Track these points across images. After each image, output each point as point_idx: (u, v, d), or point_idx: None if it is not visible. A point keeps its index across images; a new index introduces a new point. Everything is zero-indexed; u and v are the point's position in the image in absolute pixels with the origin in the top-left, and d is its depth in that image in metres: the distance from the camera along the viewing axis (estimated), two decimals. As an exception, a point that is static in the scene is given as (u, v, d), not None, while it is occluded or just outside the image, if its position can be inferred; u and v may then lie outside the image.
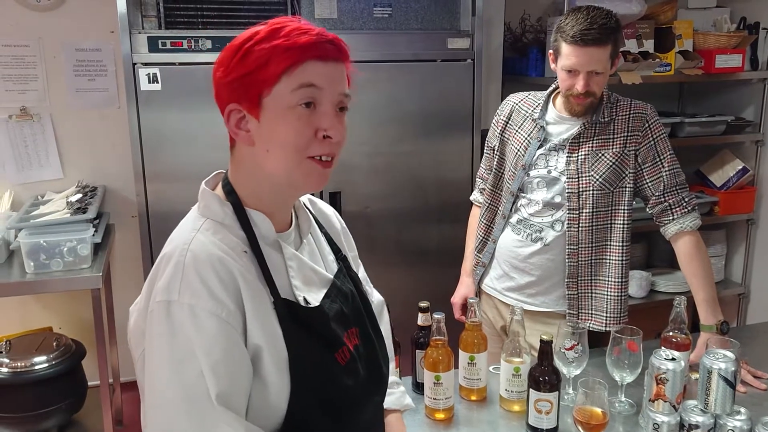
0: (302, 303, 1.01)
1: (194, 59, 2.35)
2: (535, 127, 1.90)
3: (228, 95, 0.97)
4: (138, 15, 2.37)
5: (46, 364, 2.48)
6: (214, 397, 0.88)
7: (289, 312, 0.98)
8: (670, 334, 1.59)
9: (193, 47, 2.35)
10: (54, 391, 2.50)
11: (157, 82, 2.32)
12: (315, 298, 1.04)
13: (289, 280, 1.02)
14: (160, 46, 2.32)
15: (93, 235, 2.40)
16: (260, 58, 0.93)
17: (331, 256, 1.16)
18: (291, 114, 0.94)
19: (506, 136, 1.97)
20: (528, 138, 1.90)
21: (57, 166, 2.86)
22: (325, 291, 1.07)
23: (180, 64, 2.34)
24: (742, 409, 1.31)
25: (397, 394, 1.31)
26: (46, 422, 2.51)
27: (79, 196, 2.62)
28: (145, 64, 2.31)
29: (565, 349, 1.52)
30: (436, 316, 1.50)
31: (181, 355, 0.89)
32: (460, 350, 1.57)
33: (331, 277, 1.11)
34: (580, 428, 1.32)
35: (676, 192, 1.81)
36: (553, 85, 1.90)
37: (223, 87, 0.97)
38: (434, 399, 1.50)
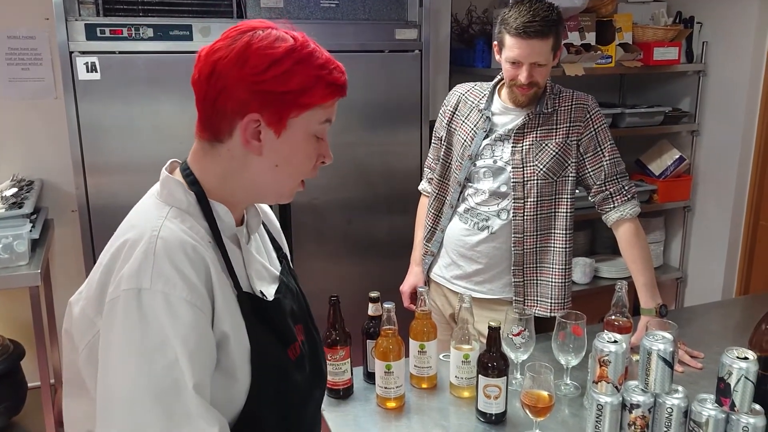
0: (260, 296, 1.02)
1: (135, 48, 2.28)
2: (481, 117, 1.92)
3: (252, 104, 0.93)
4: (74, 1, 2.28)
5: (-18, 366, 2.38)
6: (192, 386, 0.86)
7: (251, 305, 0.98)
8: (613, 317, 1.64)
9: (133, 35, 2.27)
10: (-9, 393, 2.41)
11: (96, 72, 2.23)
12: (269, 292, 1.05)
13: (246, 273, 1.02)
14: (99, 34, 2.24)
15: (30, 230, 2.31)
16: (304, 83, 0.94)
17: (274, 253, 1.17)
18: (309, 142, 0.99)
19: (453, 126, 1.99)
20: (474, 128, 1.92)
21: (-10, 159, 2.74)
22: (275, 286, 1.08)
23: (120, 52, 2.26)
24: (680, 388, 1.36)
25: None
26: (-17, 426, 2.41)
27: (15, 190, 2.51)
28: (83, 53, 2.22)
29: (513, 335, 1.55)
30: (386, 305, 1.50)
31: (153, 345, 0.86)
32: (410, 339, 1.58)
33: (278, 273, 1.11)
34: (527, 411, 1.35)
35: (616, 181, 1.87)
36: (499, 76, 1.93)
37: (247, 92, 0.93)
38: (385, 388, 1.50)
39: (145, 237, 0.90)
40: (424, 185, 2.17)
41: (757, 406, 1.28)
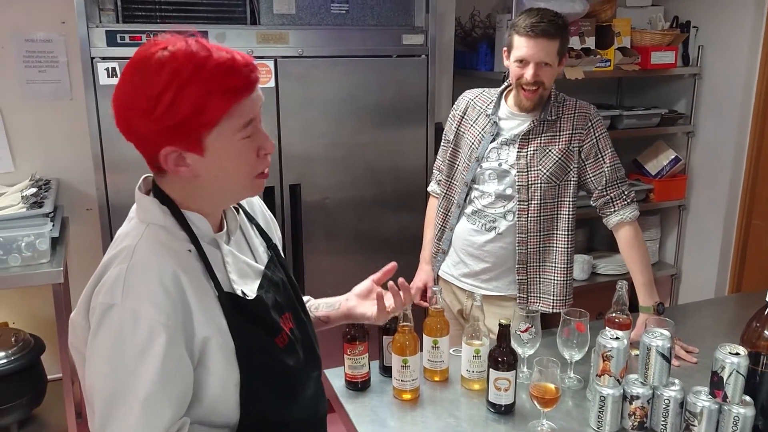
0: (241, 295, 1.09)
1: (153, 53, 2.35)
2: (488, 122, 2.01)
3: (160, 140, 0.97)
4: (95, 8, 2.36)
5: (5, 360, 2.46)
6: (143, 399, 0.92)
7: (232, 305, 1.05)
8: (613, 315, 1.74)
9: (152, 41, 2.35)
10: (14, 386, 2.49)
11: (117, 77, 2.31)
12: (251, 289, 1.12)
13: (227, 275, 1.08)
14: (119, 41, 2.32)
15: (51, 229, 2.39)
16: (194, 105, 0.93)
17: (261, 247, 1.23)
18: (237, 146, 0.99)
19: (462, 130, 2.08)
20: (482, 132, 2.02)
21: (8, 158, 2.81)
22: (258, 282, 1.15)
23: (139, 58, 2.34)
24: (676, 381, 1.46)
25: (316, 303, 1.42)
26: (7, 418, 2.49)
27: (34, 190, 2.59)
28: (104, 59, 2.30)
29: (521, 331, 1.64)
30: (402, 303, 1.59)
31: (118, 356, 0.93)
32: (424, 335, 1.68)
33: (263, 268, 1.18)
34: (535, 403, 1.45)
35: (616, 186, 1.96)
36: (506, 83, 2.02)
37: (152, 135, 0.96)
38: (402, 381, 1.60)
39: (122, 255, 0.98)
40: (433, 186, 2.26)
41: (747, 398, 1.39)
